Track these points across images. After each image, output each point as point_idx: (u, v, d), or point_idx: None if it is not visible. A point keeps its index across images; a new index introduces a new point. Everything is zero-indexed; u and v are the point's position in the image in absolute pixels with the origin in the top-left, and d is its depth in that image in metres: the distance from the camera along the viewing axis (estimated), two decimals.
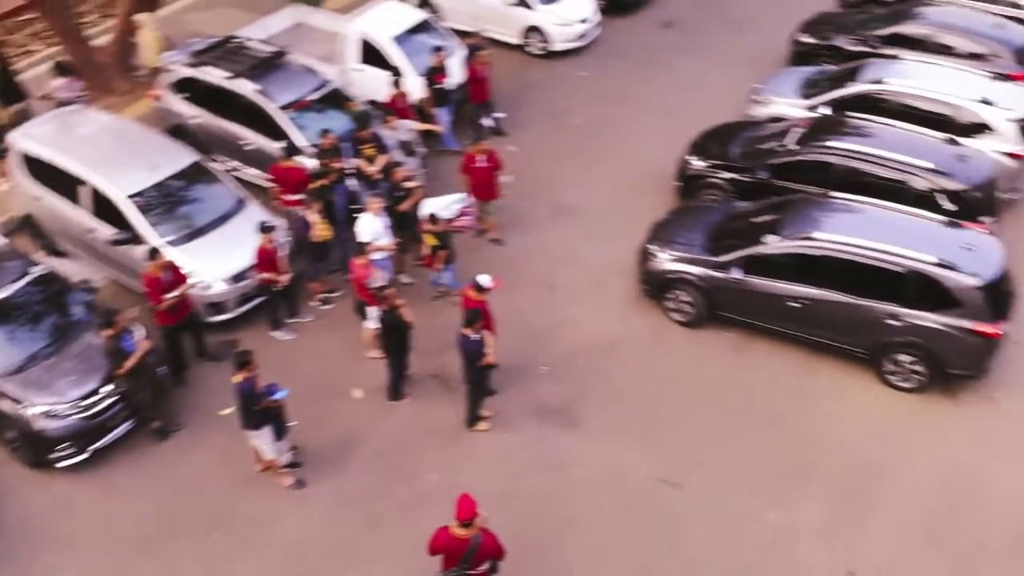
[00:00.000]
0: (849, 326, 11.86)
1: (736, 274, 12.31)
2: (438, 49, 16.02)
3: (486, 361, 11.11)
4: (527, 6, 18.90)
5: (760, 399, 12.00)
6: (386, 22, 16.84)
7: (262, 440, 10.69)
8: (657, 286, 13.09)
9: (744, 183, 14.14)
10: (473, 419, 11.68)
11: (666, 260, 12.90)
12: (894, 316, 11.54)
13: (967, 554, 10.20)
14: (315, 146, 13.99)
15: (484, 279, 11.49)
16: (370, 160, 13.96)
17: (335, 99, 15.28)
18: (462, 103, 16.73)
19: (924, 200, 12.96)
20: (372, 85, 16.32)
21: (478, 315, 10.93)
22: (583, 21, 19.25)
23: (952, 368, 11.56)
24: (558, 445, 11.53)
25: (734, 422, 11.71)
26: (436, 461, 11.36)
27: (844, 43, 17.51)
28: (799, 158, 13.74)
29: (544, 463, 11.32)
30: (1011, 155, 14.33)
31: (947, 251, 11.48)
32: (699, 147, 15.03)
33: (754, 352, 12.65)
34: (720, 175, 14.38)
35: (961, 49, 16.57)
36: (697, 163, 14.68)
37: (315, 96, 15.02)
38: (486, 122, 16.97)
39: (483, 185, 14.27)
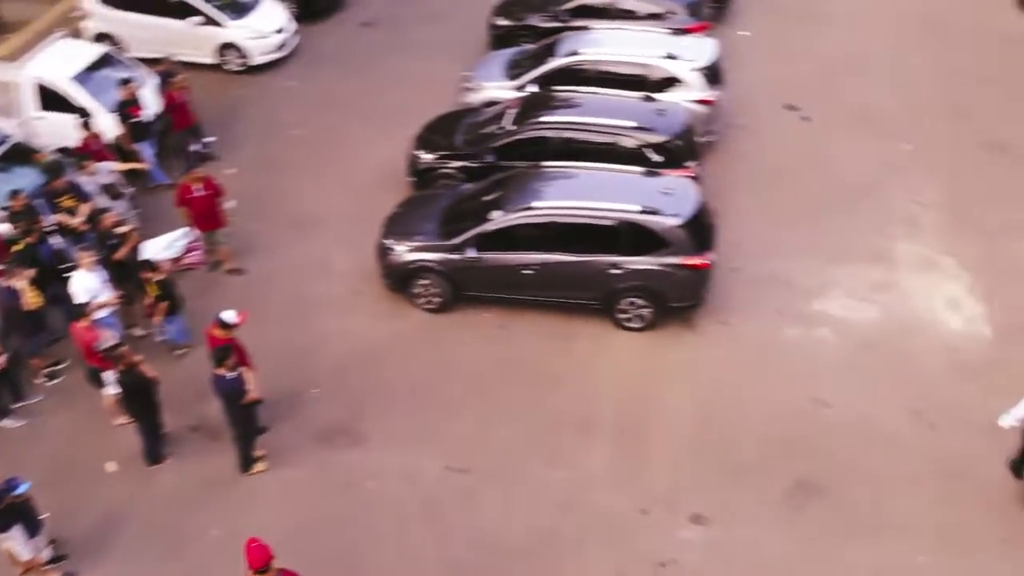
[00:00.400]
0: (580, 282, 12.50)
1: (471, 253, 12.53)
2: (126, 82, 14.92)
3: (249, 399, 10.51)
4: (216, 23, 18.04)
5: (531, 368, 12.33)
6: (62, 62, 15.42)
7: (14, 542, 9.49)
8: (400, 279, 13.06)
9: (473, 169, 14.35)
10: (247, 462, 11.02)
11: (403, 252, 12.89)
12: (615, 265, 12.26)
13: (733, 462, 11.06)
14: (5, 209, 12.54)
15: (228, 315, 10.85)
16: (71, 212, 12.80)
17: (19, 154, 13.81)
18: (165, 133, 15.73)
19: (634, 156, 13.80)
20: (59, 131, 14.89)
21: (228, 352, 10.30)
22: (279, 31, 18.68)
23: (674, 302, 12.47)
24: (345, 464, 11.19)
25: (512, 396, 11.95)
26: (216, 516, 10.62)
27: (537, 21, 18.24)
28: (518, 137, 14.15)
29: (334, 486, 10.95)
30: (701, 101, 15.59)
31: (649, 199, 12.30)
32: (424, 140, 15.08)
33: (517, 326, 12.95)
34: (450, 165, 14.51)
35: (641, 11, 17.84)
36: (426, 156, 14.74)
37: None
38: (195, 148, 16.05)
39: (205, 215, 13.48)
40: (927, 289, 13.46)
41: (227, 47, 18.27)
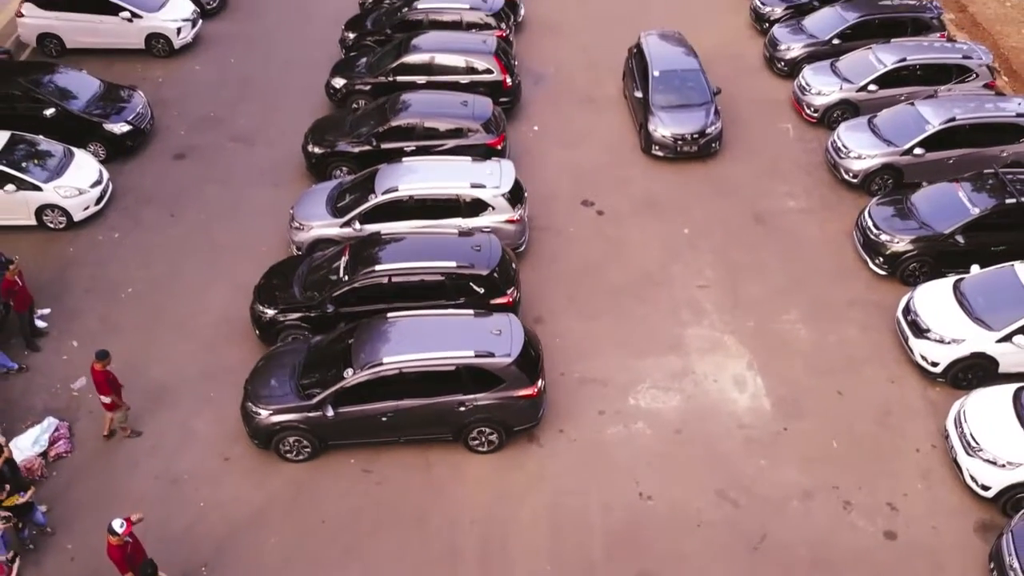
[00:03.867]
0: (432, 421, 14.24)
1: (329, 412, 13.94)
2: None
3: None
4: (36, 188, 18.30)
5: (398, 510, 13.84)
6: None
7: None
8: (267, 439, 14.24)
9: (316, 319, 15.69)
10: None
11: (267, 415, 14.09)
12: (461, 403, 14.08)
13: (586, 563, 13.12)
14: None
15: (116, 523, 11.75)
16: None
17: None
18: (4, 319, 16.02)
19: (460, 290, 15.63)
20: None
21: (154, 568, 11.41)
22: (96, 183, 19.11)
23: (516, 426, 14.46)
24: None
25: (382, 545, 13.38)
26: None
27: (348, 147, 19.66)
28: (353, 286, 15.59)
29: None
30: (509, 221, 17.62)
31: (482, 341, 14.15)
32: (264, 293, 16.19)
33: (380, 466, 14.44)
34: (292, 317, 15.75)
35: (442, 128, 19.65)
36: (268, 311, 15.88)
37: None
38: (40, 324, 16.52)
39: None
40: (717, 371, 16.08)
41: (47, 208, 18.54)
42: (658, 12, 27.05)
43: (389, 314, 14.80)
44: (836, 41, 23.25)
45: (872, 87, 21.31)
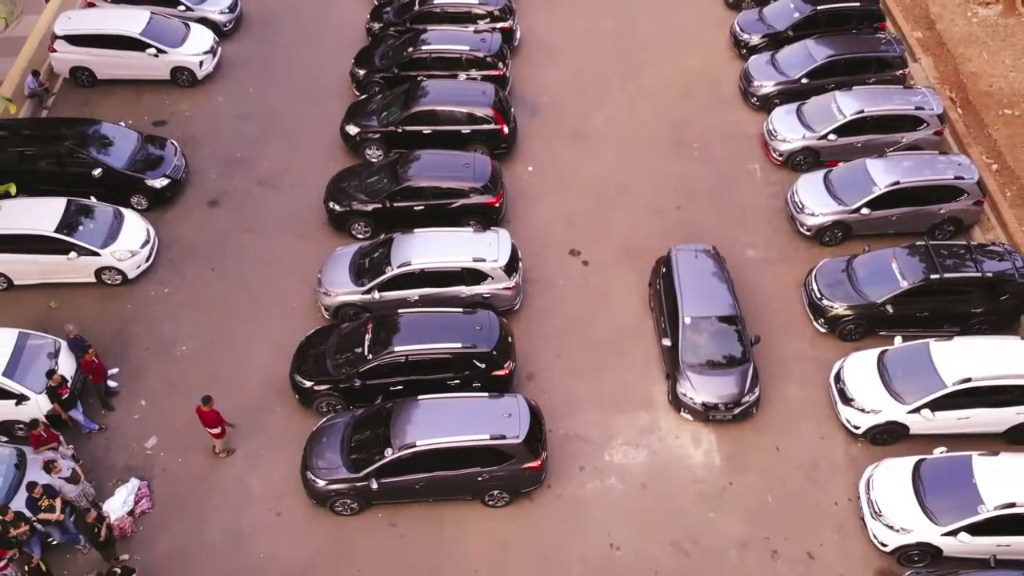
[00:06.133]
0: (456, 487, 17.64)
1: (374, 484, 17.32)
2: (52, 373, 18.23)
3: None
4: (95, 253, 21.06)
5: (418, 557, 17.40)
6: None
7: None
8: (323, 500, 17.69)
9: (345, 389, 18.86)
10: None
11: (324, 484, 17.45)
12: (479, 474, 17.43)
13: None
14: None
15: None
16: (51, 509, 16.51)
17: None
18: (83, 391, 19.17)
19: (466, 364, 18.74)
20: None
21: None
22: (145, 243, 21.87)
23: (523, 488, 17.88)
24: None
25: None
26: None
27: (363, 206, 22.31)
28: (377, 363, 18.69)
29: None
30: (505, 288, 20.54)
31: (496, 425, 17.39)
32: (301, 363, 19.26)
33: (402, 520, 17.90)
34: (325, 388, 18.90)
35: (448, 188, 22.23)
36: (305, 382, 19.01)
37: None
38: (112, 384, 19.69)
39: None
40: (678, 427, 19.34)
41: (105, 269, 21.37)
42: (646, 30, 29.07)
43: (420, 397, 17.95)
44: (805, 80, 25.45)
45: (832, 136, 23.74)
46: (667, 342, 19.39)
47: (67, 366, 18.86)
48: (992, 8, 29.44)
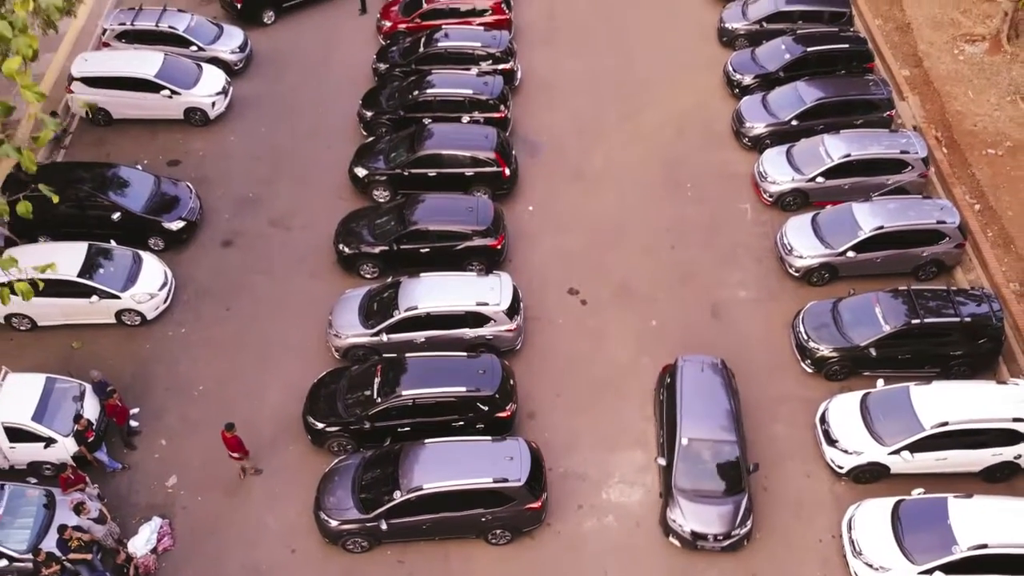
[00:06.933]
0: (461, 527, 18.70)
1: (383, 524, 18.37)
2: (79, 418, 19.27)
3: None
4: (115, 296, 22.08)
5: None
6: (19, 403, 19.37)
7: None
8: (335, 539, 18.73)
9: (355, 431, 19.90)
10: None
11: (336, 524, 18.49)
12: (483, 515, 18.48)
13: None
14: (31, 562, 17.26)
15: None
16: (82, 549, 17.56)
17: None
18: (108, 434, 20.22)
19: (470, 407, 19.77)
20: (30, 454, 19.36)
21: None
22: (163, 285, 22.89)
23: (524, 528, 18.93)
24: None
25: None
26: None
27: (371, 249, 23.34)
28: (385, 406, 19.72)
29: None
30: (508, 330, 21.58)
31: (498, 468, 18.41)
32: (313, 406, 20.30)
33: (409, 557, 18.93)
34: (336, 429, 19.94)
35: (452, 231, 23.22)
36: (317, 423, 20.04)
37: None
38: (134, 424, 20.74)
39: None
40: None
41: (125, 311, 22.41)
42: (642, 67, 30.10)
43: (426, 441, 18.99)
44: (795, 122, 26.44)
45: (820, 179, 24.75)
46: (662, 461, 18.97)
47: (92, 409, 19.89)
48: (978, 45, 30.41)
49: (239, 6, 30.78)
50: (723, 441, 18.84)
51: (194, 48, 28.91)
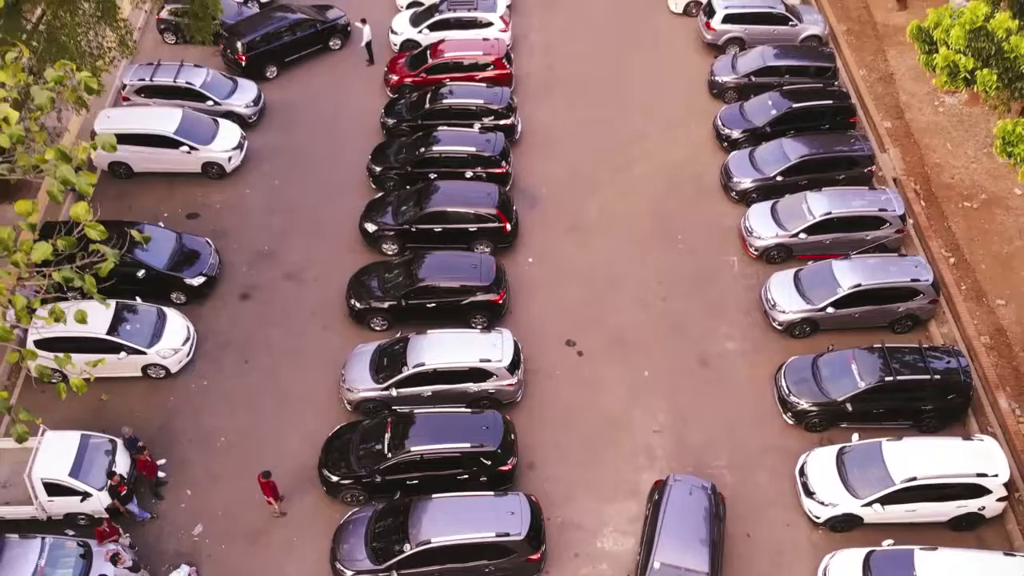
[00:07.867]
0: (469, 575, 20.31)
1: (395, 575, 19.95)
2: (112, 474, 20.83)
3: None
4: (141, 352, 23.63)
5: None
6: (56, 459, 20.89)
7: None
8: None
9: (367, 483, 21.46)
10: None
11: (348, 566, 20.06)
12: (486, 567, 20.06)
13: None
14: None
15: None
16: None
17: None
18: (138, 486, 21.77)
19: (474, 461, 21.33)
20: (67, 507, 20.91)
21: None
22: (186, 340, 24.44)
23: None
24: None
25: None
26: None
27: (381, 304, 24.87)
28: (395, 461, 21.28)
29: None
30: (508, 385, 23.13)
31: (500, 523, 19.96)
32: (328, 459, 21.84)
33: None
34: (349, 482, 21.50)
35: (457, 287, 24.75)
36: (332, 476, 21.60)
37: None
38: (162, 475, 22.29)
39: None
40: None
41: (151, 365, 23.96)
42: (637, 119, 31.61)
43: (433, 496, 20.52)
44: (779, 178, 27.95)
45: (803, 235, 26.28)
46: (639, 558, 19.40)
47: (123, 463, 21.44)
48: (958, 97, 31.88)
49: (243, 63, 32.21)
50: (694, 572, 19.05)
51: (210, 103, 30.38)
